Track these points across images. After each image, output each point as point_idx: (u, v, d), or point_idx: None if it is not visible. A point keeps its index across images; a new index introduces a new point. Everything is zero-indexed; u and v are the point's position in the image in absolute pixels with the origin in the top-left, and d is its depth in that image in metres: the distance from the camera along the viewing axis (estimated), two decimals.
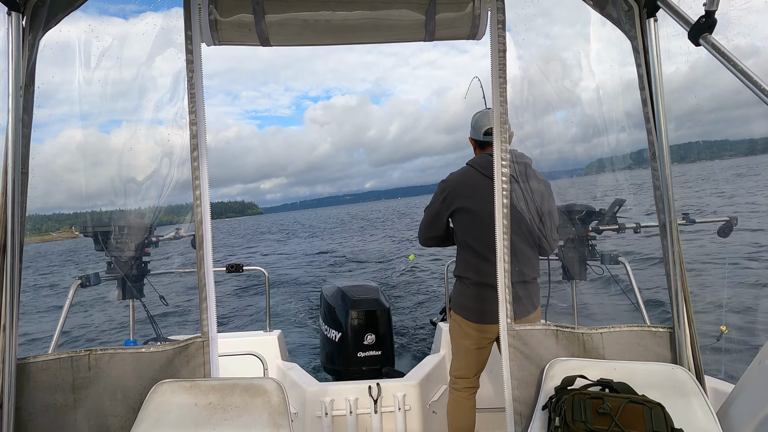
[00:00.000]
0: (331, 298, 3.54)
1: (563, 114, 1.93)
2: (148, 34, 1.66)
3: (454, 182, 2.31)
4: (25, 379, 1.50)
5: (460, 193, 2.27)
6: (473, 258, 2.26)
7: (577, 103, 1.91)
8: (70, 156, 1.76)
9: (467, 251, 2.30)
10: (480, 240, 2.23)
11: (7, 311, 1.39)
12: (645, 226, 2.59)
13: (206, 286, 1.70)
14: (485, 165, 2.22)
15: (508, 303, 1.74)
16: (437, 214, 2.35)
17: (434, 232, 2.41)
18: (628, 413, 1.39)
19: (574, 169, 2.14)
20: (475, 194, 2.22)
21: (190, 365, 1.69)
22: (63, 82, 1.62)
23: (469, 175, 2.28)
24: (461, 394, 2.37)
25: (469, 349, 2.32)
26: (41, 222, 2.26)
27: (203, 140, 1.71)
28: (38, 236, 2.34)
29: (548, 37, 1.82)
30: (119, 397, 1.59)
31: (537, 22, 1.74)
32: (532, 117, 1.92)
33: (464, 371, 2.37)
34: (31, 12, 1.46)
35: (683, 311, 1.65)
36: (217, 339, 1.74)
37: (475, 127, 2.36)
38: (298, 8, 1.69)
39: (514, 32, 1.73)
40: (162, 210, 1.98)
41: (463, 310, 2.31)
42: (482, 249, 2.22)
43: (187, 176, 1.70)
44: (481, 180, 2.22)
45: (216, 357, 1.74)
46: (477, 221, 2.23)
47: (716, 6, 1.27)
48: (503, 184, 1.74)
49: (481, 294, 2.22)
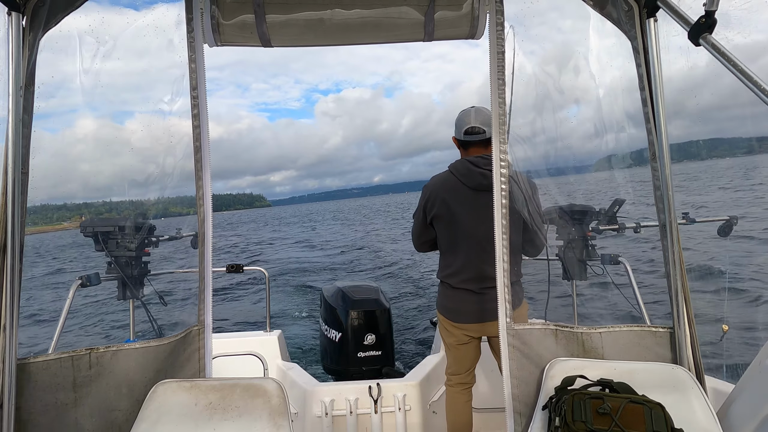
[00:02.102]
0: (331, 298, 3.54)
1: (563, 114, 1.92)
2: (149, 35, 1.66)
3: (434, 189, 2.29)
4: (25, 379, 1.50)
5: (438, 199, 2.25)
6: (452, 265, 2.29)
7: (577, 103, 1.91)
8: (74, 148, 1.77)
9: (447, 256, 2.33)
10: (458, 248, 2.25)
11: (7, 311, 1.40)
12: (645, 226, 2.59)
13: (205, 278, 1.76)
14: (464, 173, 2.21)
15: (508, 303, 1.74)
16: (423, 221, 2.36)
17: (424, 237, 2.42)
18: (628, 413, 1.39)
19: (575, 168, 2.14)
20: (453, 203, 2.22)
21: (187, 351, 1.76)
22: (64, 80, 1.63)
23: (449, 182, 2.26)
24: (455, 389, 2.42)
25: (453, 346, 2.38)
26: (52, 212, 2.29)
27: (206, 141, 1.73)
28: (51, 225, 2.38)
29: (548, 37, 1.82)
30: (124, 391, 1.61)
31: (536, 22, 1.74)
32: (531, 116, 1.92)
33: (454, 368, 2.43)
34: (31, 12, 1.46)
35: (683, 311, 1.65)
36: (211, 327, 1.81)
37: (457, 125, 2.33)
38: (298, 9, 1.70)
39: (513, 33, 1.73)
40: (171, 201, 2.03)
41: (445, 311, 2.36)
42: (460, 256, 2.25)
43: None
44: (460, 188, 2.22)
45: (210, 342, 1.80)
46: (454, 229, 2.24)
47: (716, 6, 1.27)
48: (502, 185, 1.74)
49: (459, 296, 2.27)
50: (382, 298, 3.48)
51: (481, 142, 2.25)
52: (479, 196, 2.18)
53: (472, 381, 2.45)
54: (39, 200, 1.51)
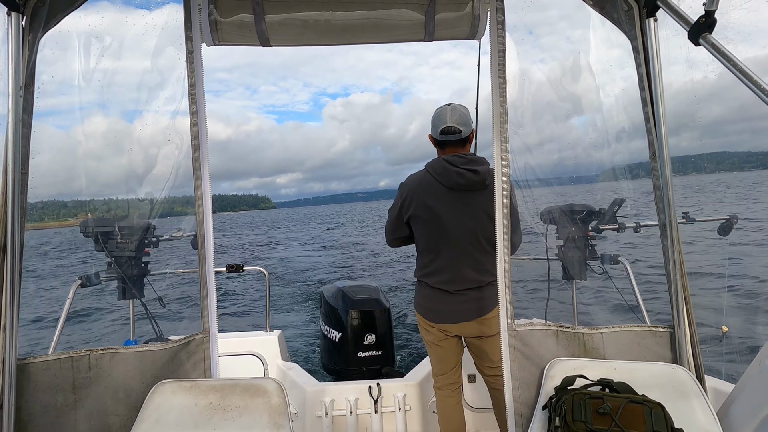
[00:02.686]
0: (331, 298, 3.54)
1: (563, 114, 1.92)
2: (148, 33, 1.66)
3: (411, 187, 2.27)
4: (25, 379, 1.49)
5: (415, 199, 2.23)
6: (430, 264, 2.27)
7: (577, 104, 1.91)
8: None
9: (424, 255, 2.31)
10: (435, 247, 2.24)
11: (7, 311, 1.39)
12: (645, 226, 2.59)
13: (207, 283, 1.72)
14: (441, 172, 2.19)
15: (509, 303, 1.74)
16: (397, 218, 2.34)
17: (397, 234, 2.39)
18: (628, 413, 1.39)
19: (576, 168, 2.13)
20: (431, 202, 2.20)
21: (190, 361, 1.71)
22: (63, 80, 1.63)
23: (425, 181, 2.24)
24: (444, 392, 2.39)
25: (433, 344, 2.36)
26: (58, 208, 2.30)
27: (204, 140, 1.72)
28: (56, 221, 2.38)
29: (548, 36, 1.82)
30: (121, 396, 1.59)
31: (536, 22, 1.74)
32: (531, 118, 1.91)
33: (438, 367, 2.40)
34: (31, 12, 1.46)
35: (683, 311, 1.65)
36: (217, 335, 1.76)
37: (433, 124, 2.28)
38: (298, 8, 1.69)
39: (514, 32, 1.73)
40: (176, 201, 2.01)
41: (422, 309, 2.34)
42: (437, 256, 2.23)
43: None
44: (436, 187, 2.20)
45: (216, 353, 1.75)
46: (431, 229, 2.22)
47: (716, 6, 1.27)
48: (504, 184, 1.74)
49: (436, 297, 2.26)
50: (382, 298, 3.48)
51: (458, 142, 2.22)
52: (456, 195, 2.16)
53: (459, 380, 2.42)
54: (47, 196, 1.51)
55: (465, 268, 2.19)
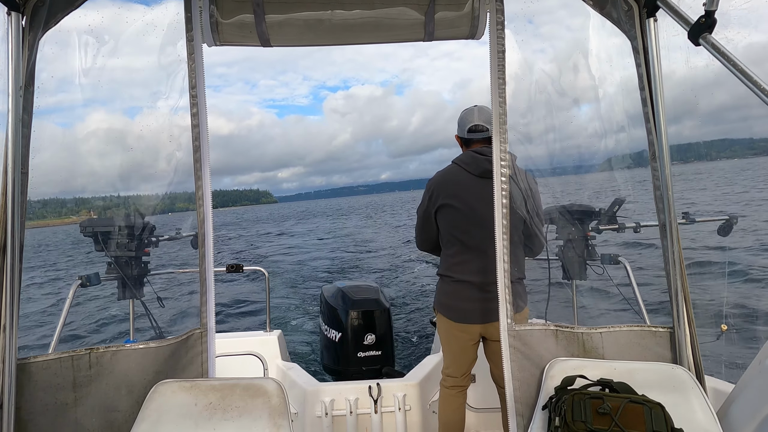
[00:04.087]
0: (331, 298, 3.54)
1: (563, 114, 1.92)
2: (149, 33, 1.66)
3: (439, 180, 2.31)
4: (25, 379, 1.50)
5: (444, 190, 2.27)
6: (456, 255, 2.26)
7: (577, 103, 1.91)
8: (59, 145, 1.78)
9: (450, 248, 2.30)
10: (463, 237, 2.23)
11: (7, 311, 1.39)
12: (645, 226, 2.59)
13: (207, 280, 1.75)
14: (469, 161, 2.23)
15: (509, 303, 1.73)
16: (426, 213, 2.35)
17: (427, 233, 2.41)
18: (628, 413, 1.39)
19: (576, 168, 2.13)
20: (460, 191, 2.23)
21: (189, 354, 1.74)
22: (63, 79, 1.63)
23: (453, 172, 2.29)
24: (449, 391, 2.39)
25: (453, 350, 2.34)
26: (60, 206, 2.30)
27: (205, 140, 1.72)
28: (59, 219, 2.39)
29: (548, 36, 1.82)
30: (123, 392, 1.60)
31: (536, 21, 1.74)
32: (532, 116, 1.91)
33: (452, 368, 2.38)
34: (31, 12, 1.46)
35: (683, 311, 1.65)
36: (214, 329, 1.80)
37: (460, 124, 2.36)
38: (298, 9, 1.70)
39: (514, 32, 1.73)
40: (178, 197, 2.02)
41: (444, 309, 2.31)
42: (466, 246, 2.23)
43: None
44: (465, 177, 2.23)
45: (213, 346, 1.78)
46: (461, 217, 2.22)
47: (716, 6, 1.27)
48: (503, 185, 1.74)
49: (461, 292, 2.23)
50: (382, 298, 3.48)
51: (484, 139, 2.28)
52: (484, 184, 2.14)
53: (468, 384, 2.41)
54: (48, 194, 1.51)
55: (493, 259, 2.17)
